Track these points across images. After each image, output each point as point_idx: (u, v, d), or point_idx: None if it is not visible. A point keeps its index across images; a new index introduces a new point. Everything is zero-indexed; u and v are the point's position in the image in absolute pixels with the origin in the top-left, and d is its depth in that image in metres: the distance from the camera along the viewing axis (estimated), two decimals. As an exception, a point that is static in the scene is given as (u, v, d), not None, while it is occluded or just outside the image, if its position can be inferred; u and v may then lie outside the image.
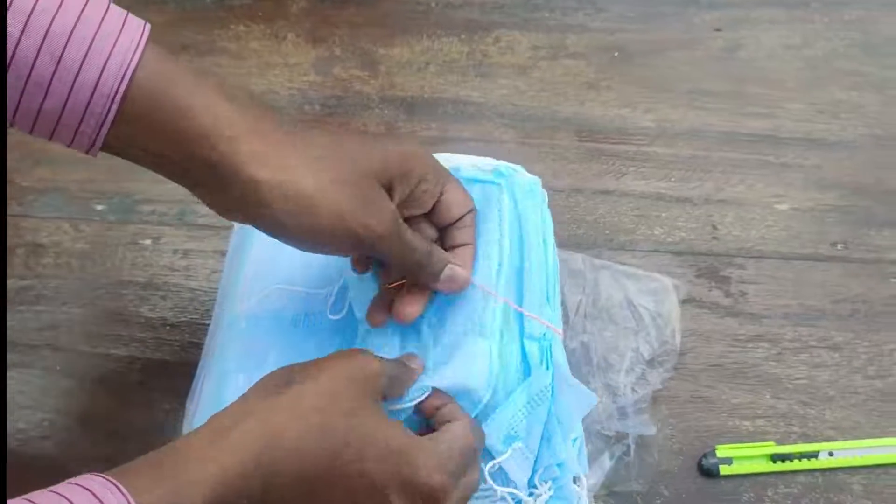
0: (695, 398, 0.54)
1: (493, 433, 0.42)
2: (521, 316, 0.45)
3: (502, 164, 0.50)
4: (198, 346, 0.52)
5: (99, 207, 0.62)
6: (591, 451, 0.49)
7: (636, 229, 0.59)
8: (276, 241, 0.37)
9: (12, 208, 0.62)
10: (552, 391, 0.43)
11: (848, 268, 0.58)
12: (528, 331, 0.44)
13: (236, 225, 0.54)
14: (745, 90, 0.65)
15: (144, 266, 0.59)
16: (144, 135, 0.33)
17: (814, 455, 0.51)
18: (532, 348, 0.44)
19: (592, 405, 0.44)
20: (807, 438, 0.52)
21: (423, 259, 0.41)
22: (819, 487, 0.51)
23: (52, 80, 0.31)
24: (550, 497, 0.43)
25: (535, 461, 0.43)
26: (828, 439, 0.52)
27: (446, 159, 0.47)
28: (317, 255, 0.41)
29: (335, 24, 0.69)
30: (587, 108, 0.65)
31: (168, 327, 0.57)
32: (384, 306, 0.44)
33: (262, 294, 0.49)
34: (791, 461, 0.51)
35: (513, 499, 0.42)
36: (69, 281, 0.59)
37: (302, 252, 0.38)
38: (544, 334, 0.44)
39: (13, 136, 0.67)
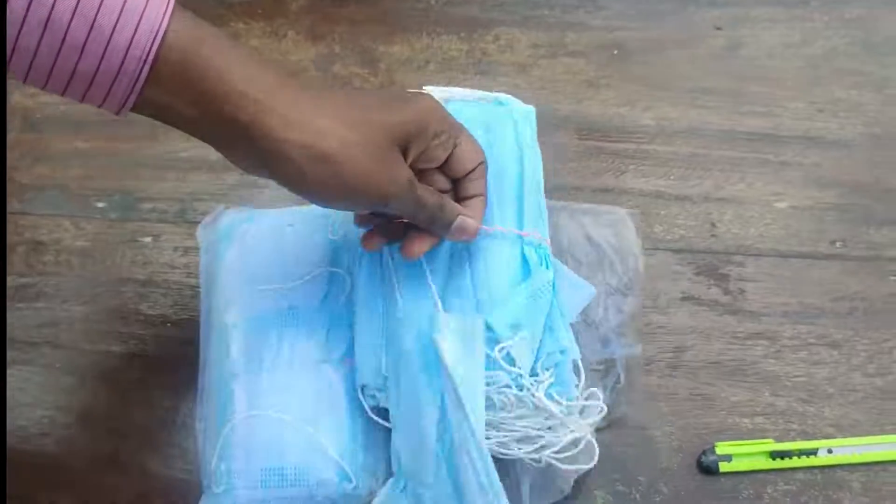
0: (694, 396, 0.54)
1: (500, 321, 0.45)
2: (520, 226, 0.49)
3: (500, 94, 0.54)
4: (198, 343, 0.52)
5: (99, 205, 0.62)
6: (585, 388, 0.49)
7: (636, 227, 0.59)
8: (245, 248, 0.39)
9: (12, 205, 0.62)
10: (553, 286, 0.48)
11: (847, 266, 0.58)
12: (526, 240, 0.49)
13: (203, 242, 0.55)
14: (744, 88, 0.65)
15: (144, 264, 0.60)
16: (175, 95, 0.34)
17: (813, 452, 0.51)
18: (531, 253, 0.48)
19: (592, 295, 0.49)
20: (806, 436, 0.52)
21: (435, 213, 0.43)
22: (818, 484, 0.51)
23: (86, 41, 0.32)
24: (551, 384, 0.45)
25: (538, 349, 0.46)
26: (827, 436, 0.52)
27: (445, 92, 0.53)
28: (287, 249, 0.47)
29: (335, 22, 0.69)
30: (586, 106, 0.65)
31: (168, 324, 0.57)
32: (381, 234, 0.47)
33: (244, 300, 0.50)
34: (790, 458, 0.51)
35: (515, 384, 0.45)
36: (69, 278, 0.60)
37: (272, 250, 0.39)
38: (540, 244, 0.49)
39: (13, 134, 0.67)
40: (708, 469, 0.51)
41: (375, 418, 0.47)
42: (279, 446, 0.46)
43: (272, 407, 0.47)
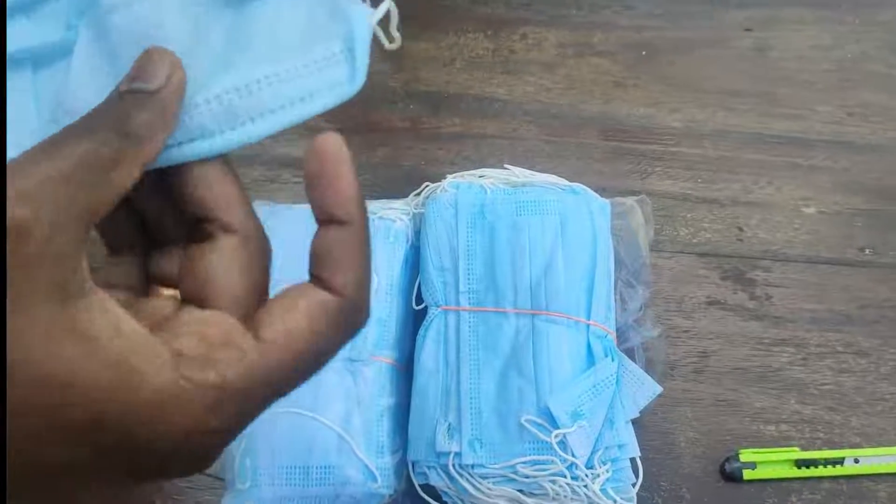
0: (718, 401, 0.54)
1: (560, 407, 0.46)
2: (588, 316, 0.49)
3: (575, 184, 0.55)
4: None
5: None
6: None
7: (661, 229, 0.59)
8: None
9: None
10: (617, 380, 0.48)
11: (875, 273, 0.57)
12: (592, 330, 0.49)
13: None
14: (773, 91, 0.64)
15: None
16: None
17: (839, 461, 0.51)
18: (596, 343, 0.49)
19: (657, 393, 0.49)
20: (832, 445, 0.52)
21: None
22: (844, 494, 0.51)
23: None
24: (608, 479, 0.45)
25: (597, 442, 0.46)
26: (853, 446, 0.52)
27: (522, 174, 0.54)
28: None
29: (361, 18, 0.69)
30: (613, 106, 0.64)
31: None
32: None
33: (272, 293, 0.51)
34: (816, 467, 0.51)
35: (570, 474, 0.45)
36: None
37: (299, 244, 0.33)
38: (606, 336, 0.49)
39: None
40: (731, 476, 0.51)
41: (425, 497, 0.48)
42: (305, 444, 0.46)
43: (299, 404, 0.47)
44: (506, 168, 0.56)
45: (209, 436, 0.21)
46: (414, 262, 0.54)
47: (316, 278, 0.24)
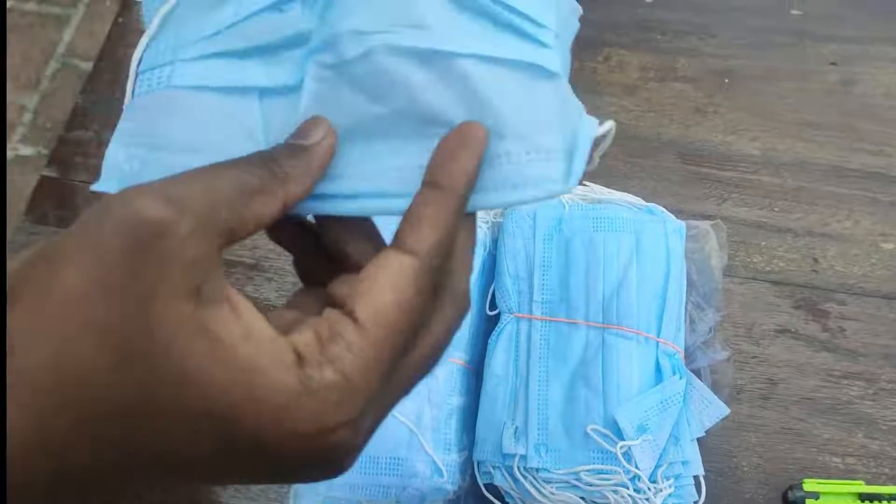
0: (784, 430, 0.54)
1: (626, 419, 0.47)
2: (658, 334, 0.50)
3: (652, 205, 0.56)
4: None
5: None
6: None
7: (735, 255, 0.59)
8: None
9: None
10: (684, 398, 0.49)
11: (953, 314, 0.57)
12: (662, 348, 0.50)
13: None
14: (856, 126, 0.64)
15: (253, 248, 0.62)
16: None
17: (905, 499, 0.50)
18: (665, 361, 0.50)
19: (724, 414, 0.50)
20: (899, 481, 0.52)
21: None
22: (909, 532, 0.50)
23: None
24: (670, 494, 0.46)
25: (661, 457, 0.46)
26: (921, 485, 0.51)
27: (601, 191, 0.56)
28: None
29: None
30: (693, 131, 0.65)
31: (270, 308, 0.60)
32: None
33: None
34: (880, 502, 0.50)
35: (633, 486, 0.46)
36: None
37: None
38: (675, 354, 0.50)
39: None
40: (794, 504, 0.51)
41: (488, 496, 0.49)
42: (377, 435, 0.47)
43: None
44: (584, 185, 0.58)
45: (338, 434, 0.22)
46: (490, 269, 0.55)
47: (396, 238, 0.25)
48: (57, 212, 0.63)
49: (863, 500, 0.51)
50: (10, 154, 1.42)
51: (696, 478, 0.48)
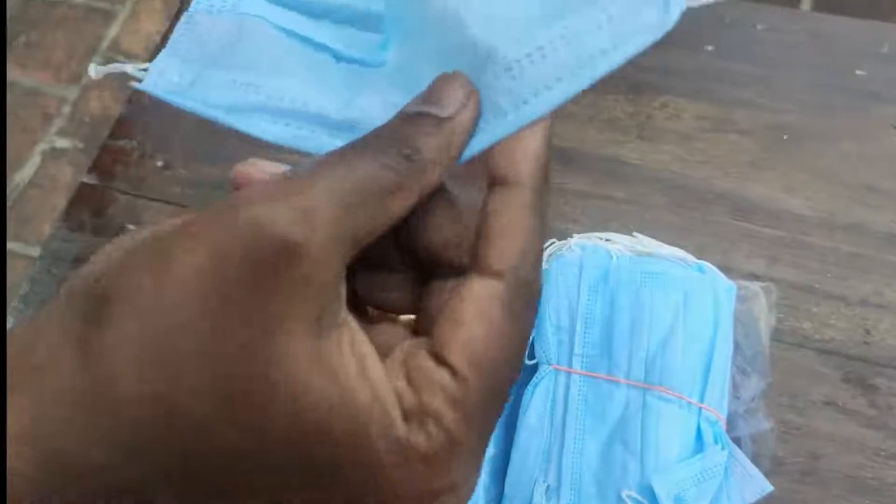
0: (825, 508, 0.51)
1: (663, 488, 0.45)
2: (701, 399, 0.48)
3: (703, 262, 0.54)
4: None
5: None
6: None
7: (784, 319, 0.57)
8: None
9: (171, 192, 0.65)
10: (726, 470, 0.47)
11: None
12: (704, 414, 0.48)
13: None
14: (917, 193, 0.62)
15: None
16: None
17: None
18: (706, 429, 0.47)
19: (766, 492, 0.48)
20: (945, 575, 0.49)
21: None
22: None
23: None
24: None
25: None
26: (968, 581, 0.49)
27: (651, 244, 0.54)
28: None
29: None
30: (746, 186, 0.63)
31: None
32: None
33: None
34: None
35: None
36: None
37: None
38: (717, 422, 0.48)
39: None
40: (831, 589, 0.49)
41: None
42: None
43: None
44: (633, 236, 0.56)
45: (441, 501, 0.20)
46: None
47: (474, 259, 0.21)
48: (94, 220, 0.62)
49: (904, 591, 0.48)
50: (45, 146, 1.43)
51: None
